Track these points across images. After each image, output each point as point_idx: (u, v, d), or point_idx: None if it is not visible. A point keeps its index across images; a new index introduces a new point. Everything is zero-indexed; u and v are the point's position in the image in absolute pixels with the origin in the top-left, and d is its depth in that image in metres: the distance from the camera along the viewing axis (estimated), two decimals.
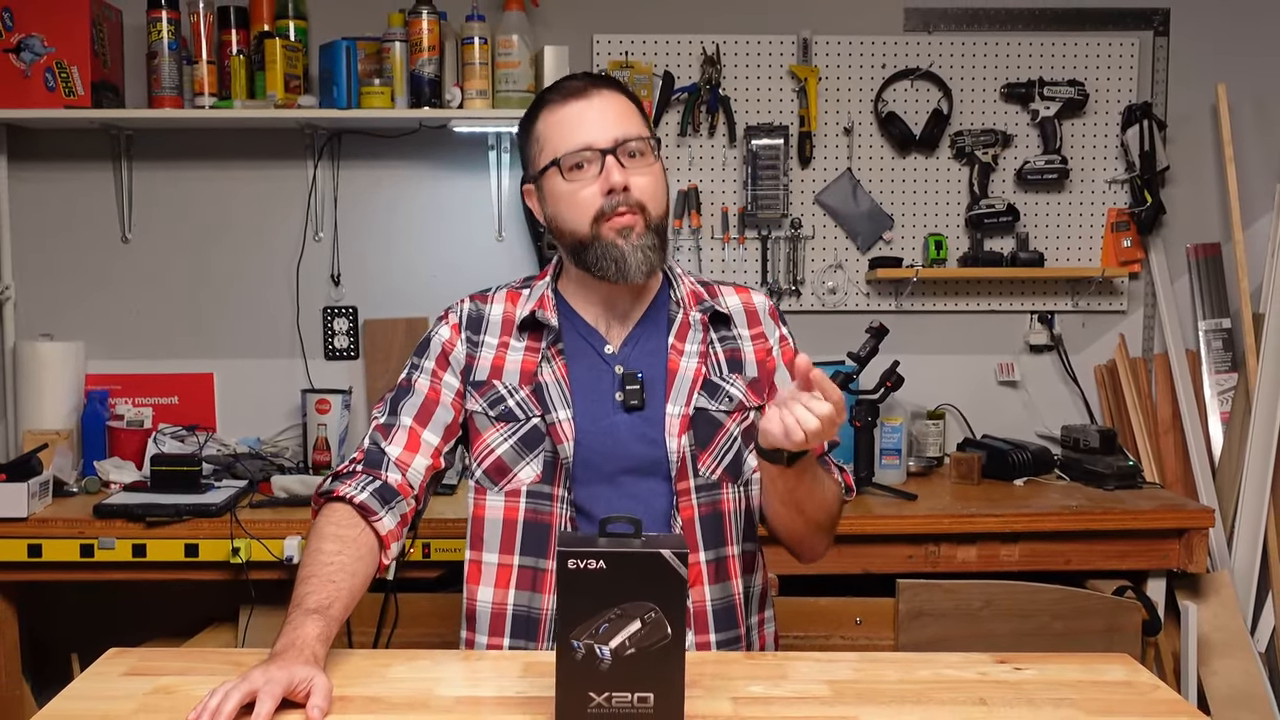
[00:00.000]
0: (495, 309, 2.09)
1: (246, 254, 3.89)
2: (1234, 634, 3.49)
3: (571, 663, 1.55)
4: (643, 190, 1.95)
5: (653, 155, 1.98)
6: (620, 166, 1.93)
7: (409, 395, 2.04)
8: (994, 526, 3.25)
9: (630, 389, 1.98)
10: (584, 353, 2.03)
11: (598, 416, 1.99)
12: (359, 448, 2.02)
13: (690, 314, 2.06)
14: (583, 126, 1.95)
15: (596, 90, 1.97)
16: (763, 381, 2.07)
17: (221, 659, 1.82)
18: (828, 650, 2.16)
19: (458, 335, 2.07)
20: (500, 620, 2.01)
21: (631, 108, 2.00)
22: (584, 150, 1.94)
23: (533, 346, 2.04)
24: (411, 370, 2.08)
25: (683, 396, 1.99)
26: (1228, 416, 3.83)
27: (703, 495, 2.00)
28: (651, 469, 1.98)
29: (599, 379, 2.01)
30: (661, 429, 1.98)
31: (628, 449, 1.98)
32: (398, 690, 1.71)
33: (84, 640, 3.44)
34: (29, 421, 3.64)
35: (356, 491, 1.91)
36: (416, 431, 2.01)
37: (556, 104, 1.98)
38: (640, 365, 2.01)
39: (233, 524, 3.14)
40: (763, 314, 2.13)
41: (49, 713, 1.61)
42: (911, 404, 3.81)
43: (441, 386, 2.04)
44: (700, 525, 1.99)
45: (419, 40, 3.58)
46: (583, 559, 1.54)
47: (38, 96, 3.50)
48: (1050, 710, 1.67)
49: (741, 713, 1.64)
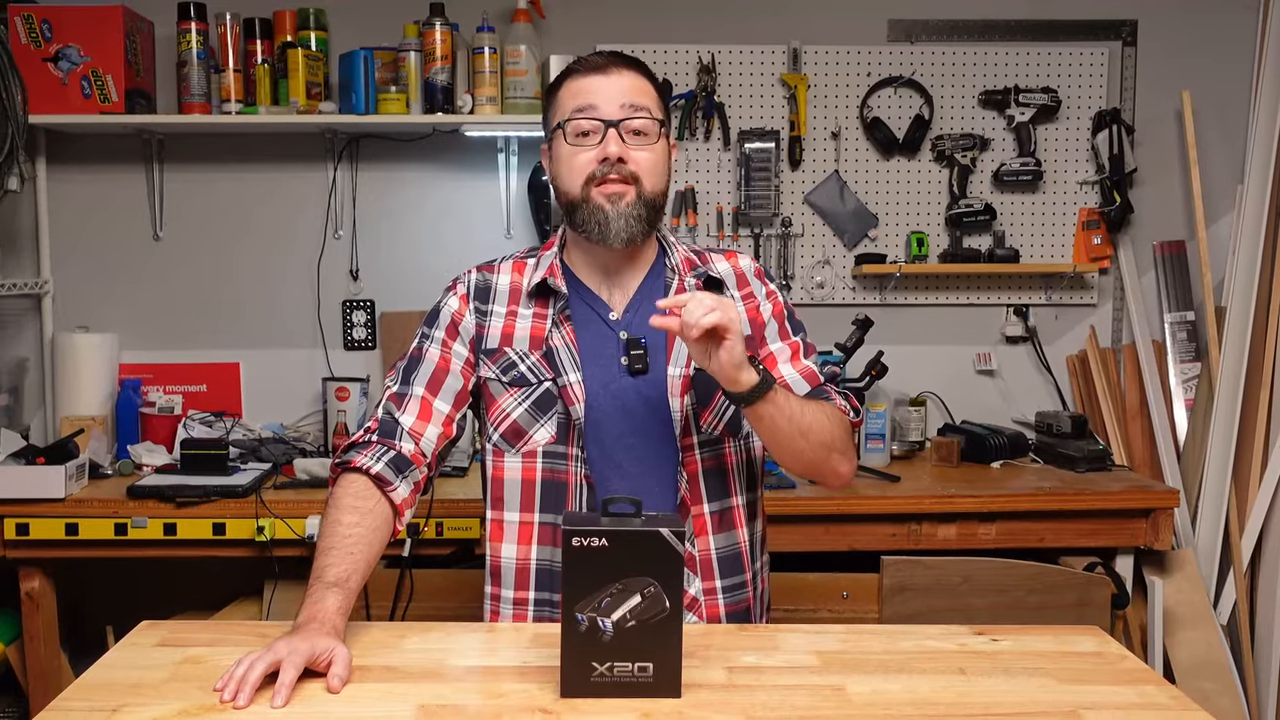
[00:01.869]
0: (502, 279, 2.08)
1: (270, 251, 3.88)
2: (1197, 607, 3.49)
3: (576, 634, 1.55)
4: (639, 164, 1.94)
5: (657, 134, 1.97)
6: (620, 140, 1.93)
7: (420, 364, 2.03)
8: (972, 507, 3.25)
9: (635, 354, 1.97)
10: (589, 319, 2.02)
11: (605, 380, 1.98)
12: (373, 416, 2.00)
13: (685, 280, 2.05)
14: (594, 96, 1.95)
15: (616, 68, 1.97)
16: (755, 338, 2.06)
17: (247, 631, 1.82)
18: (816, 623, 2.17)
19: (466, 305, 2.06)
20: (525, 575, 2.01)
21: (647, 88, 1.99)
22: (589, 118, 1.94)
23: (540, 313, 2.02)
24: (422, 340, 2.06)
25: (682, 358, 1.98)
26: (1192, 403, 3.83)
27: (706, 451, 2.00)
28: (657, 428, 1.98)
29: (604, 344, 2.00)
30: (664, 390, 1.98)
31: (634, 410, 1.98)
32: (413, 660, 1.71)
33: (118, 613, 3.42)
34: (66, 408, 3.64)
35: (373, 462, 1.90)
36: (428, 401, 2.00)
37: (578, 75, 1.98)
38: (642, 330, 2.00)
39: (257, 504, 3.14)
40: (749, 275, 2.11)
41: (85, 681, 1.61)
42: (895, 391, 3.80)
43: (451, 355, 2.03)
44: (704, 479, 2.00)
45: (433, 50, 3.58)
46: (586, 537, 1.54)
47: (75, 103, 3.50)
48: (1025, 679, 1.67)
49: (735, 681, 1.64)
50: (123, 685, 1.59)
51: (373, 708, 1.53)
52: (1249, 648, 3.63)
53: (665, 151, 2.00)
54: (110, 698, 1.54)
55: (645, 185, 1.96)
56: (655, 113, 1.98)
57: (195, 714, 1.49)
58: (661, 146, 1.98)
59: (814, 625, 1.93)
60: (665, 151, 2.00)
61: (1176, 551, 3.50)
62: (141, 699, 1.54)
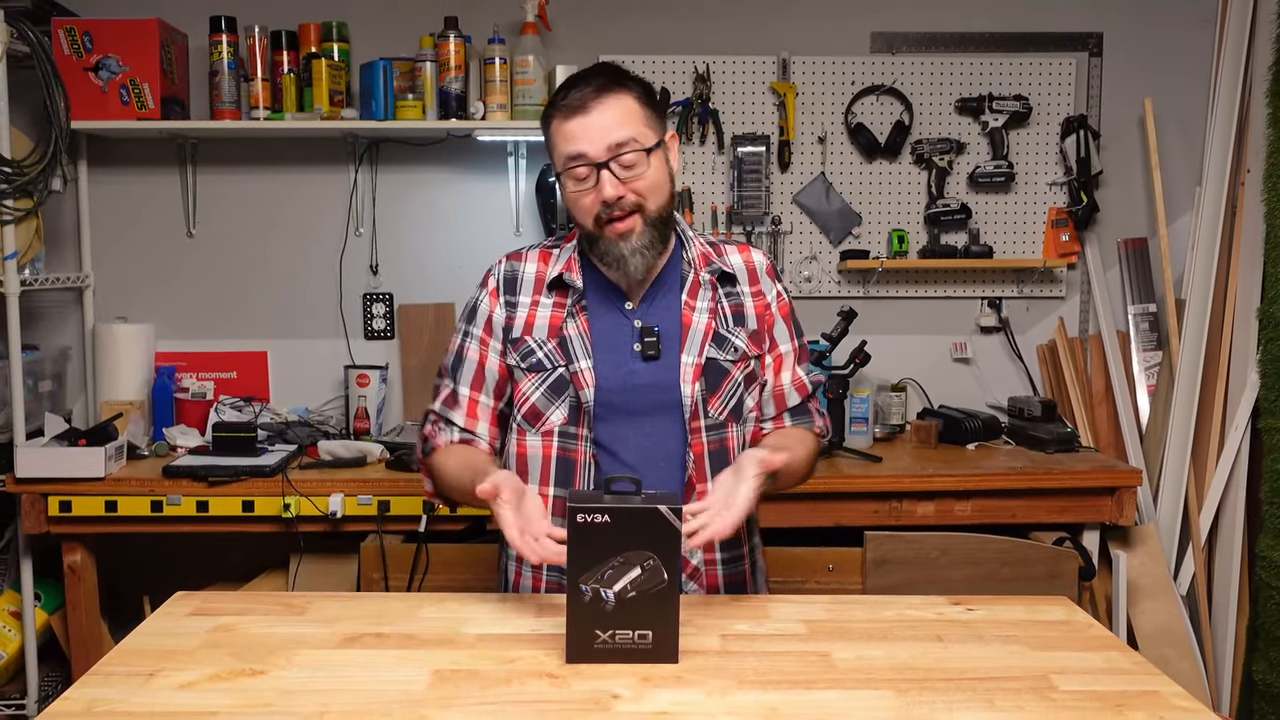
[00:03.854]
0: (529, 267, 2.08)
1: (296, 247, 3.87)
2: (1159, 579, 3.49)
3: (580, 604, 1.55)
4: (640, 191, 1.92)
5: (647, 156, 1.91)
6: (614, 178, 1.89)
7: (463, 364, 2.08)
8: (949, 485, 3.25)
9: (648, 341, 1.98)
10: (607, 309, 2.02)
11: (618, 365, 1.98)
12: (433, 414, 2.10)
13: (701, 274, 2.05)
14: (580, 143, 1.89)
15: (597, 103, 1.89)
16: (761, 332, 2.07)
17: (274, 600, 1.82)
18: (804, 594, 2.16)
19: (496, 300, 2.06)
20: None
21: (632, 109, 1.91)
22: (580, 165, 1.90)
23: (559, 303, 2.03)
24: (464, 338, 2.09)
25: (695, 347, 1.99)
26: (1154, 389, 3.82)
27: (711, 434, 2.01)
28: (667, 410, 1.98)
29: (619, 332, 2.00)
30: (677, 376, 1.98)
31: (645, 394, 1.98)
32: (429, 628, 1.71)
33: (154, 585, 3.45)
34: (106, 394, 3.64)
35: (452, 436, 2.05)
36: (475, 400, 2.07)
37: (563, 117, 1.91)
38: (657, 319, 2.00)
39: (284, 483, 3.14)
40: (761, 272, 2.11)
41: (124, 647, 1.61)
42: (877, 378, 3.80)
43: (489, 352, 2.05)
44: (709, 459, 2.00)
45: (447, 60, 3.57)
46: (590, 513, 1.54)
47: (114, 110, 3.49)
48: (998, 646, 1.67)
49: (729, 647, 1.64)
50: (159, 651, 1.59)
51: (391, 672, 1.54)
52: (1206, 616, 3.63)
53: (662, 164, 1.95)
54: (147, 663, 1.55)
55: (650, 206, 1.93)
56: (643, 138, 1.91)
57: (226, 678, 1.50)
58: (657, 163, 1.94)
59: (802, 596, 1.93)
60: (662, 164, 1.95)
61: (1139, 527, 3.50)
62: (176, 664, 1.54)
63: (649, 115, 1.95)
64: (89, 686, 1.47)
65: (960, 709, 1.44)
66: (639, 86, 1.96)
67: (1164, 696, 1.49)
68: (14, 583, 3.50)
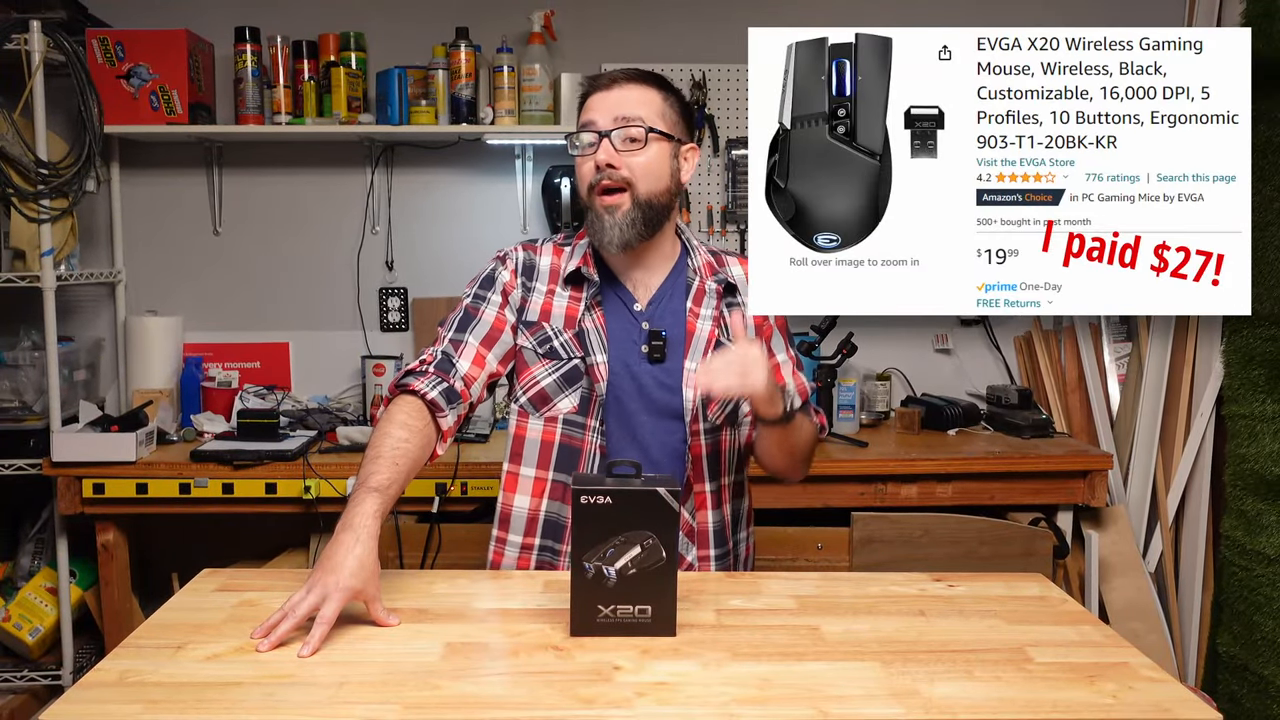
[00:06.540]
0: (544, 260, 2.05)
1: (316, 244, 3.87)
2: (1128, 557, 3.49)
3: (583, 580, 1.55)
4: (632, 169, 1.92)
5: (648, 139, 1.92)
6: (610, 147, 1.91)
7: (476, 322, 1.98)
8: (931, 469, 3.25)
9: (655, 344, 1.97)
10: (617, 307, 2.01)
11: (627, 363, 1.97)
12: (429, 353, 1.95)
13: (706, 283, 2.04)
14: (593, 112, 1.94)
15: (620, 85, 1.94)
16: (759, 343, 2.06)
17: (295, 578, 1.81)
18: (794, 571, 2.17)
19: (515, 279, 2.03)
20: (534, 523, 2.00)
21: (650, 98, 1.95)
22: (588, 130, 1.93)
23: (575, 296, 2.01)
24: (477, 300, 2.01)
25: (698, 354, 1.98)
26: (1124, 378, 3.82)
27: (709, 436, 2.00)
28: (668, 412, 1.97)
29: (628, 331, 1.99)
30: (680, 380, 1.97)
31: (649, 393, 1.97)
32: (441, 603, 1.71)
33: (182, 562, 3.44)
34: (137, 382, 3.63)
35: (429, 389, 1.87)
36: (482, 354, 1.96)
37: (588, 94, 1.97)
38: (663, 323, 1.99)
39: (305, 467, 3.14)
40: None
41: (154, 621, 1.61)
42: (863, 368, 3.79)
43: (505, 319, 1.99)
44: (706, 460, 1.99)
45: (458, 68, 3.56)
46: (593, 495, 1.54)
47: (144, 115, 3.48)
48: (977, 620, 1.67)
49: (724, 622, 1.64)
50: (187, 625, 1.59)
51: (405, 645, 1.54)
52: (1174, 592, 3.63)
53: (665, 157, 1.96)
54: (176, 636, 1.54)
55: (640, 188, 1.93)
56: (652, 120, 1.93)
57: (251, 650, 1.50)
58: (658, 150, 1.94)
59: (793, 573, 1.93)
60: (665, 157, 1.96)
61: (1110, 508, 3.50)
62: (203, 637, 1.54)
63: (669, 113, 1.97)
64: (121, 658, 1.47)
65: (941, 679, 1.44)
66: (668, 89, 1.99)
67: (1133, 668, 1.49)
68: (50, 561, 3.50)
